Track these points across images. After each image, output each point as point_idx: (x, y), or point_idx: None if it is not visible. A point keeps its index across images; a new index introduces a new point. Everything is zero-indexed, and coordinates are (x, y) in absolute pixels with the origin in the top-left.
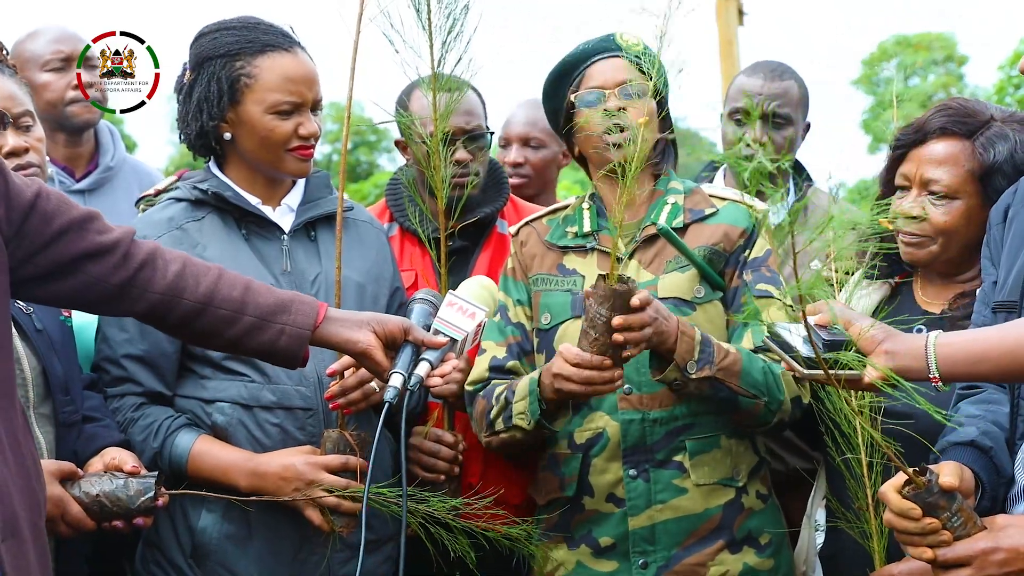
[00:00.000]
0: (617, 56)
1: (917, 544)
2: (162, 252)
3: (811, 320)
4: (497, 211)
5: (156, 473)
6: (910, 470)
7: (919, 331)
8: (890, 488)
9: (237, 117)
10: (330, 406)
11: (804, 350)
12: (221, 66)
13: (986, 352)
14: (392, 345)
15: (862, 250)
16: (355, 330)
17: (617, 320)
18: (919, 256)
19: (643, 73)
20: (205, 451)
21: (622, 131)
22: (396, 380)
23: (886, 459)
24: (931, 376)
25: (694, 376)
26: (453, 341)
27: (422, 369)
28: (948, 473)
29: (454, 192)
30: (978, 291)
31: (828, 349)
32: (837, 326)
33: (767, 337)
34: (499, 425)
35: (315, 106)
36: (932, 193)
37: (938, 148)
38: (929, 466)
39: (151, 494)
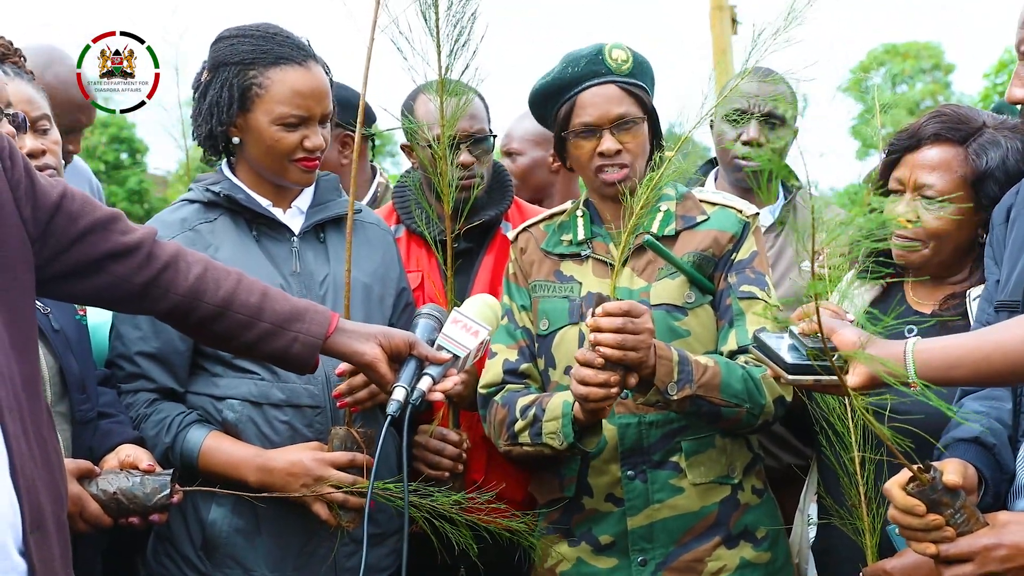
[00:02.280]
0: (608, 82)
1: (920, 540)
2: (184, 254)
3: (795, 329)
4: (501, 213)
5: (171, 471)
6: (915, 467)
7: (910, 331)
8: (895, 485)
9: (246, 124)
10: (337, 404)
11: (789, 357)
12: (235, 73)
13: (961, 358)
14: (397, 358)
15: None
16: (363, 342)
17: (590, 322)
18: (911, 259)
19: (634, 96)
20: (215, 447)
21: (622, 167)
22: (399, 394)
23: (881, 455)
24: (910, 380)
25: (675, 397)
26: (456, 357)
27: (424, 384)
28: (952, 471)
29: (459, 195)
30: (982, 289)
31: (812, 356)
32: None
33: (752, 346)
34: (524, 439)
35: (324, 120)
36: (925, 197)
37: (932, 153)
38: (933, 463)
39: (167, 491)
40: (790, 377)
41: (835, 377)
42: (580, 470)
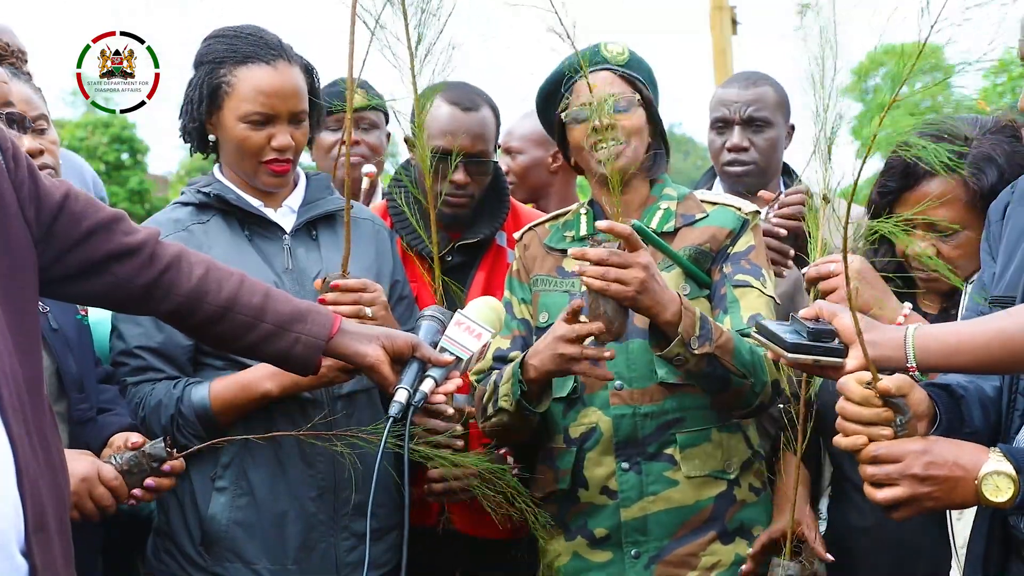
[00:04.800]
0: (604, 69)
1: (855, 433)
2: (187, 255)
3: (797, 315)
4: (496, 230)
5: (162, 438)
6: (874, 368)
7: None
8: (852, 379)
9: (219, 122)
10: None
11: (789, 337)
12: (207, 72)
13: (960, 344)
14: (399, 360)
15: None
16: (365, 344)
17: (574, 251)
18: (940, 288)
19: (630, 84)
20: (224, 380)
21: (616, 144)
22: (401, 396)
23: None
24: (909, 366)
25: (696, 351)
26: (458, 359)
27: (427, 386)
28: (893, 379)
29: (445, 208)
30: (975, 278)
31: (813, 337)
32: (822, 320)
33: (754, 332)
34: (490, 409)
35: (294, 119)
36: (937, 232)
37: (932, 188)
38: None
39: (163, 445)
40: (789, 356)
41: (834, 359)
42: (575, 463)
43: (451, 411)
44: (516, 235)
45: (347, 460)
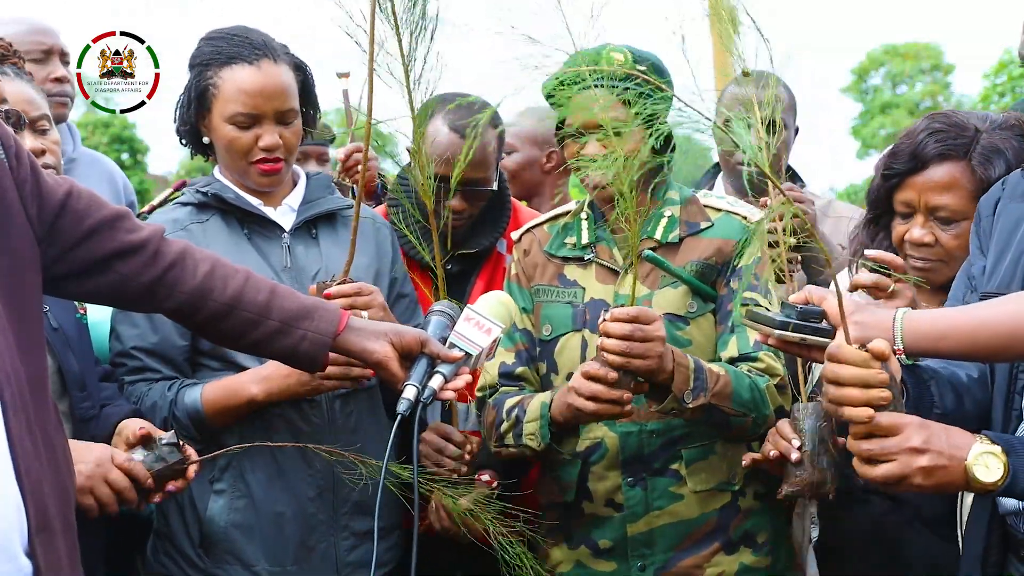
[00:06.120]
0: (601, 85)
1: (858, 402)
2: (192, 252)
3: (789, 300)
4: (496, 239)
5: (172, 432)
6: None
7: None
8: (844, 344)
9: (210, 124)
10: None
11: (778, 317)
12: (196, 75)
13: (949, 330)
14: (408, 356)
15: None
16: (373, 340)
17: (600, 327)
18: (934, 279)
19: (641, 85)
20: (214, 384)
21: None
22: (409, 392)
23: None
24: (896, 348)
25: (691, 406)
26: (468, 355)
27: (436, 382)
28: (883, 341)
29: (445, 228)
30: (963, 265)
31: (801, 318)
32: (812, 303)
33: (744, 318)
34: (509, 440)
35: (281, 118)
36: (939, 219)
37: (938, 173)
38: None
39: (179, 456)
40: (777, 333)
41: (822, 339)
42: (580, 476)
43: (459, 437)
44: (514, 235)
45: (352, 461)
